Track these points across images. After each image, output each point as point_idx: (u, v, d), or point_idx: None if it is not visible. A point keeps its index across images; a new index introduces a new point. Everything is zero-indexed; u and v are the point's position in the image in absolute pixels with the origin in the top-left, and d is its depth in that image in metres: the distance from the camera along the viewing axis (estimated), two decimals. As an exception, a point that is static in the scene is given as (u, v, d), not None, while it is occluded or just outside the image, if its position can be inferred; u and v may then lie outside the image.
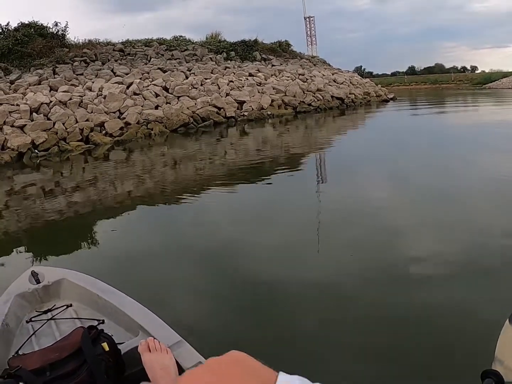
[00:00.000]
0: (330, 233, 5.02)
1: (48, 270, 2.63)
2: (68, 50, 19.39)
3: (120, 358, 1.80)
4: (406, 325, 3.00)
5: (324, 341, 2.89)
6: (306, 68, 25.56)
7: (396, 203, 6.12)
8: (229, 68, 21.78)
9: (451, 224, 4.96)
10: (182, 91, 17.30)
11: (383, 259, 4.11)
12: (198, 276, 4.01)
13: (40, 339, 2.11)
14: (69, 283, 2.47)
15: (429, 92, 40.49)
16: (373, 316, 3.13)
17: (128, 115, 14.74)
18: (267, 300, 3.47)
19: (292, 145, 12.70)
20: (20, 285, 2.44)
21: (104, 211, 6.78)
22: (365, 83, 28.81)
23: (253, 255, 4.49)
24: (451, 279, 3.60)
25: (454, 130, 14.03)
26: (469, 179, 7.22)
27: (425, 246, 4.40)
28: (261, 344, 2.80)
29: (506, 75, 44.56)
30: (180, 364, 1.73)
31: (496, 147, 9.91)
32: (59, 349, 1.72)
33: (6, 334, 2.08)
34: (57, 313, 2.31)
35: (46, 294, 2.44)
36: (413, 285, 3.58)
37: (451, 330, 2.90)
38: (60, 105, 13.88)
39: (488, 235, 4.56)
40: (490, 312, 2.76)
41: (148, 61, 20.27)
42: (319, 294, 3.52)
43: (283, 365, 0.62)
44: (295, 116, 19.95)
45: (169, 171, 9.79)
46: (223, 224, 5.60)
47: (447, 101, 27.72)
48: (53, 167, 10.86)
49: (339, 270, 3.95)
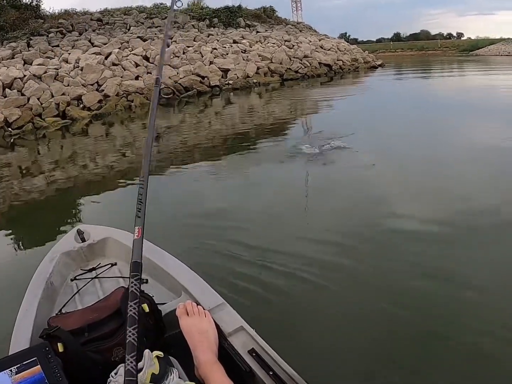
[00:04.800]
0: (315, 197, 5.06)
1: (94, 228, 2.59)
2: (43, 22, 18.64)
3: (161, 319, 1.75)
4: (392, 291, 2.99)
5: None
6: (292, 34, 24.84)
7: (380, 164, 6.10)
8: (213, 35, 21.03)
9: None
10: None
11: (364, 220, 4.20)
12: (186, 248, 3.85)
13: (83, 297, 2.10)
14: (114, 241, 2.45)
15: (416, 59, 39.53)
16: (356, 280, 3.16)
17: (107, 87, 14.07)
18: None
19: (278, 113, 12.21)
20: (66, 244, 2.44)
21: (87, 187, 6.52)
22: (353, 49, 28.17)
23: (241, 219, 4.45)
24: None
25: (450, 96, 13.65)
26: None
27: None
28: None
29: (493, 42, 43.68)
30: (220, 328, 1.65)
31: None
32: (99, 309, 1.68)
33: (50, 292, 2.08)
34: (101, 272, 2.31)
35: (91, 252, 2.44)
36: (398, 245, 3.68)
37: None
38: (34, 79, 13.20)
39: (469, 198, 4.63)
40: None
41: (128, 30, 19.51)
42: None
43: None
44: (281, 84, 19.31)
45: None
46: (209, 193, 5.54)
47: (435, 68, 26.98)
48: (29, 145, 10.29)
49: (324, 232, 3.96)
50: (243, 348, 1.55)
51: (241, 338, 1.61)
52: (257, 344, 1.56)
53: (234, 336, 1.62)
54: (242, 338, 1.61)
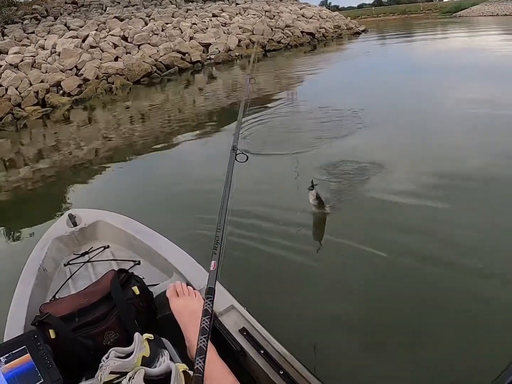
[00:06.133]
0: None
1: (85, 212, 2.58)
2: (16, 9, 18.20)
3: (152, 301, 1.75)
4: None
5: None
6: (272, 4, 24.35)
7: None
8: (191, 10, 20.58)
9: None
10: (142, 38, 16.22)
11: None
12: (181, 220, 3.89)
13: (77, 282, 2.10)
14: (105, 224, 2.45)
15: (399, 23, 38.99)
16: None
17: (86, 70, 13.74)
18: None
19: (262, 85, 12.00)
20: (57, 229, 2.44)
21: (74, 173, 6.45)
22: (335, 16, 27.79)
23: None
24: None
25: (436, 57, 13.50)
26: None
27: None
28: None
29: (476, 3, 43.06)
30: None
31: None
32: (89, 294, 1.67)
33: (43, 278, 2.07)
34: (94, 255, 2.31)
35: (83, 236, 2.44)
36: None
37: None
38: (11, 69, 12.86)
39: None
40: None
41: (104, 10, 19.02)
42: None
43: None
44: (264, 55, 18.99)
45: (137, 126, 9.11)
46: (199, 169, 5.49)
47: (417, 31, 26.53)
48: (10, 136, 10.03)
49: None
50: (234, 327, 1.54)
51: (232, 318, 1.59)
52: (248, 323, 1.55)
53: (225, 316, 1.60)
54: (233, 317, 1.59)
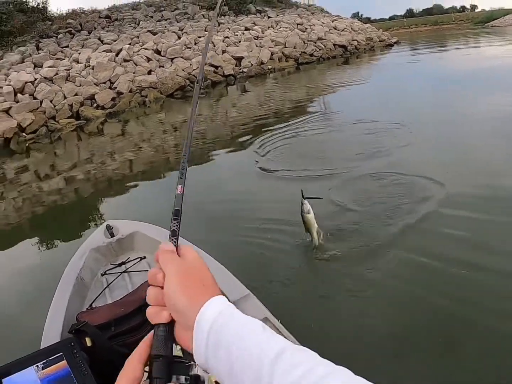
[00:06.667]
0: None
1: (122, 223, 2.64)
2: (51, 23, 18.39)
3: None
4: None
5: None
6: (304, 17, 24.17)
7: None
8: (223, 23, 20.52)
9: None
10: (175, 52, 16.20)
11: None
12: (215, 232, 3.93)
13: (113, 292, 2.13)
14: (142, 235, 2.50)
15: (431, 34, 38.42)
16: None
17: (120, 84, 13.74)
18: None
19: (296, 97, 11.74)
20: (95, 239, 2.50)
21: (109, 185, 6.55)
22: (367, 28, 27.47)
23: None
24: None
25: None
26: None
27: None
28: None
29: (509, 12, 41.87)
30: None
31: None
32: (125, 304, 1.70)
33: (81, 287, 2.12)
34: (130, 266, 2.35)
35: (120, 247, 2.49)
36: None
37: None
38: (46, 82, 12.94)
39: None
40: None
41: (137, 25, 19.11)
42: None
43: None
44: (297, 68, 18.77)
45: (169, 138, 8.96)
46: (231, 183, 5.59)
47: (451, 42, 25.95)
48: (45, 149, 10.00)
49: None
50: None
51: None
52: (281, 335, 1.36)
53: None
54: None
